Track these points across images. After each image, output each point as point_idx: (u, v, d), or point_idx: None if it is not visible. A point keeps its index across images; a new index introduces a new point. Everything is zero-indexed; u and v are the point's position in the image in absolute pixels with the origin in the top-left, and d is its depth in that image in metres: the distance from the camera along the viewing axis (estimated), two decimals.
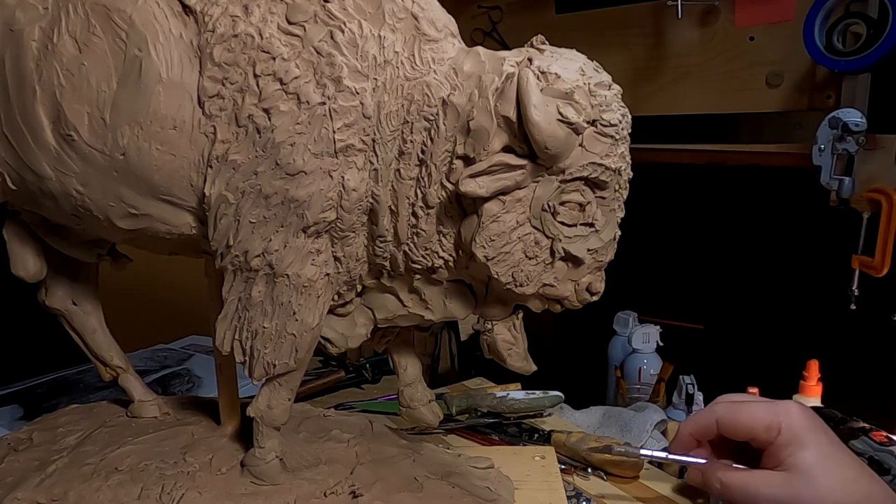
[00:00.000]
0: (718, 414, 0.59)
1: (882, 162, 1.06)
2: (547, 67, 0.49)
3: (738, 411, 0.58)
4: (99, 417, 0.72)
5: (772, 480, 0.55)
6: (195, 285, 0.68)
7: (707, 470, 0.60)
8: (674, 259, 1.46)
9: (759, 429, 0.57)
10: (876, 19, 1.02)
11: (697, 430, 0.61)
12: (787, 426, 0.56)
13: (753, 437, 0.58)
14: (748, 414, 0.58)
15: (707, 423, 0.60)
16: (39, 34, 0.51)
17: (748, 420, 0.57)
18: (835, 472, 0.53)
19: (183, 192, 0.53)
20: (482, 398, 0.98)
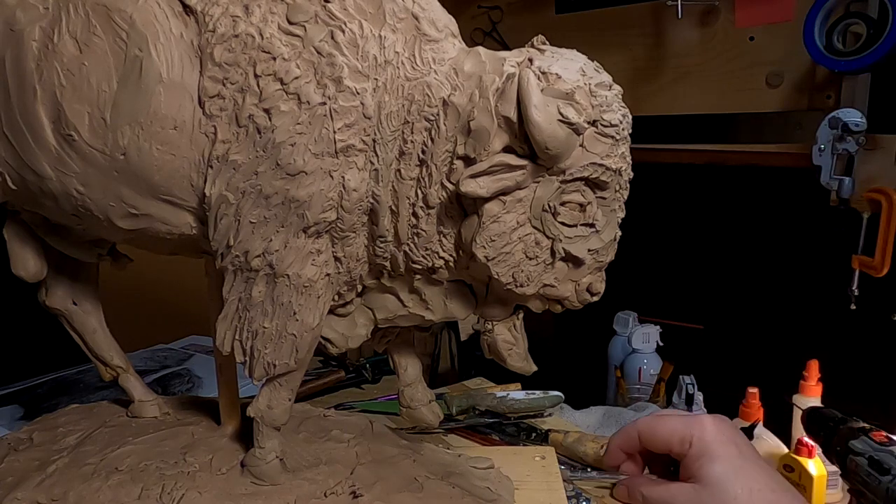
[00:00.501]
0: (640, 427, 0.62)
1: (882, 162, 1.06)
2: (548, 68, 0.49)
3: (657, 424, 0.61)
4: (99, 417, 0.72)
5: (683, 492, 0.57)
6: (195, 285, 0.67)
7: (631, 484, 0.63)
8: (674, 259, 1.46)
9: (674, 441, 0.59)
10: (876, 19, 1.02)
11: (623, 443, 0.64)
12: (699, 439, 0.57)
13: (670, 449, 0.60)
14: (665, 427, 0.60)
15: (630, 436, 0.63)
16: (40, 34, 0.51)
17: (665, 433, 0.60)
18: (741, 482, 0.55)
19: (183, 192, 0.53)
20: (482, 398, 0.98)
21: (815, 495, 0.88)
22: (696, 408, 0.98)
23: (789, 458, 0.92)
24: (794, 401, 1.02)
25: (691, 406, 0.97)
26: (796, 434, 0.99)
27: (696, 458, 0.57)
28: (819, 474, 0.89)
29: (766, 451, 1.03)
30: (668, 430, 0.60)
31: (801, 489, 0.89)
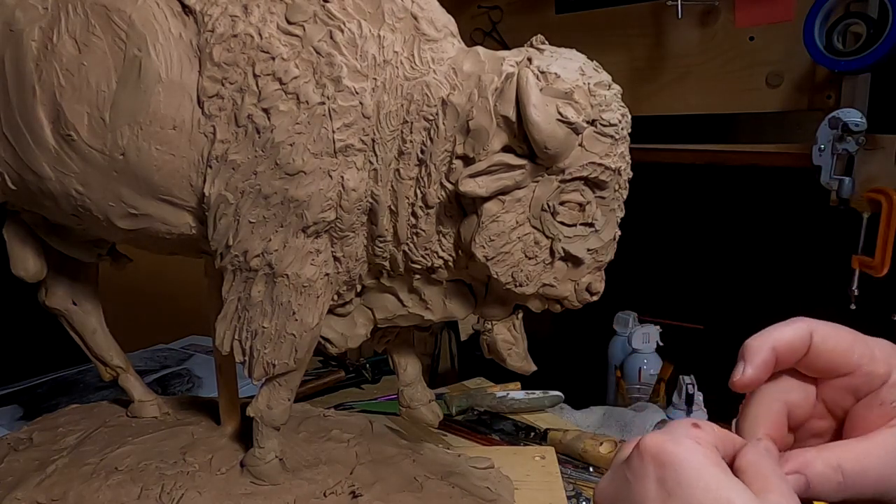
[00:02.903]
0: (813, 329, 0.41)
1: (882, 162, 1.06)
2: (546, 67, 0.49)
3: (842, 332, 0.41)
4: (99, 417, 0.72)
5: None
6: (195, 285, 0.68)
7: (803, 461, 0.39)
8: (674, 259, 1.46)
9: (876, 361, 0.40)
10: (876, 19, 1.02)
11: (785, 345, 0.41)
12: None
13: (857, 371, 0.40)
14: (862, 340, 0.40)
15: (799, 336, 0.41)
16: (39, 34, 0.51)
17: (863, 347, 0.40)
18: None
19: (182, 192, 0.53)
20: (482, 398, 0.98)
21: None
22: (695, 408, 0.98)
23: None
24: None
25: (691, 406, 0.97)
26: None
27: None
28: None
29: None
30: (869, 345, 0.40)
31: None
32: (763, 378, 0.41)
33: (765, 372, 0.41)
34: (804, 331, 0.41)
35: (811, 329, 0.41)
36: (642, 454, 0.34)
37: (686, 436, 0.35)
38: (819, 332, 0.41)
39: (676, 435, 0.35)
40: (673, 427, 0.36)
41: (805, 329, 0.41)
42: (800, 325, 0.41)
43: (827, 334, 0.41)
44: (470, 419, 0.95)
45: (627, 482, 0.35)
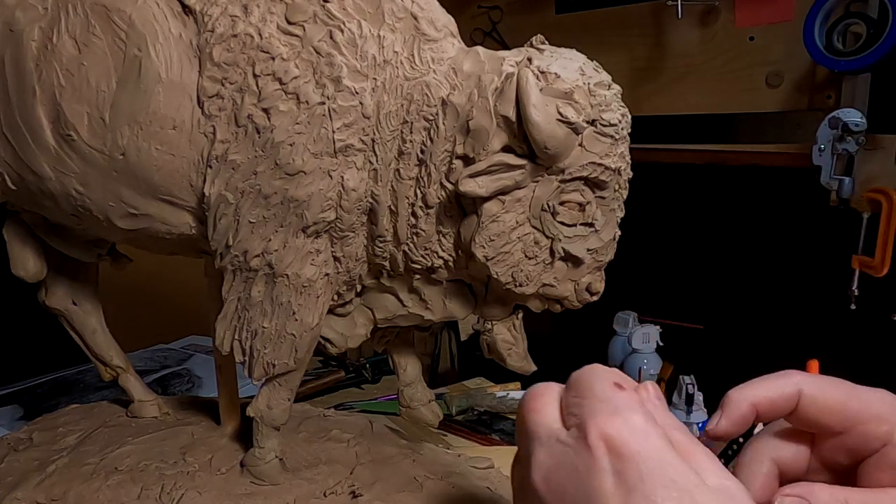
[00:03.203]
0: (802, 386, 0.38)
1: (882, 162, 1.06)
2: (546, 67, 0.49)
3: (836, 389, 0.39)
4: (99, 417, 0.72)
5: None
6: (195, 285, 0.68)
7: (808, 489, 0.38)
8: (674, 259, 1.46)
9: (869, 420, 0.37)
10: (876, 19, 1.02)
11: (766, 402, 0.39)
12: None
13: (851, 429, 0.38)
14: (857, 397, 0.38)
15: (784, 394, 0.39)
16: (39, 34, 0.51)
17: (858, 405, 0.38)
18: None
19: (182, 192, 0.53)
20: (482, 398, 0.98)
21: None
22: (695, 408, 0.98)
23: None
24: None
25: (691, 406, 0.97)
26: None
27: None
28: None
29: None
30: (865, 402, 0.38)
31: None
32: (737, 432, 0.40)
33: (739, 426, 0.40)
34: (790, 388, 0.39)
35: (799, 386, 0.38)
36: (594, 445, 0.31)
37: (635, 413, 0.32)
38: (809, 388, 0.38)
39: (626, 416, 0.32)
40: (613, 401, 0.33)
41: (792, 386, 0.39)
42: (786, 381, 0.39)
43: (818, 391, 0.38)
44: (470, 419, 0.95)
45: (577, 471, 0.32)
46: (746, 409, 0.39)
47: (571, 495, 0.31)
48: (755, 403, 0.39)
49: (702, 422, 0.98)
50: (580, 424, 0.32)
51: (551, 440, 0.33)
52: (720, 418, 0.39)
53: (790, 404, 0.39)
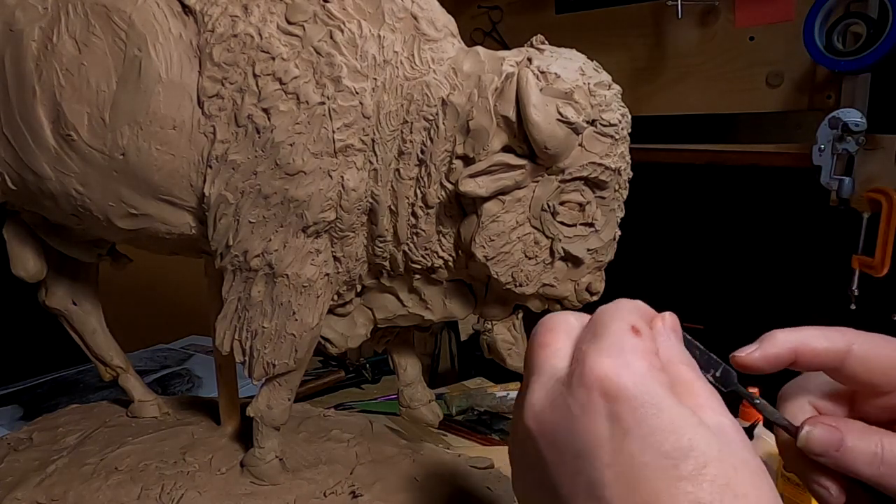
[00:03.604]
0: (854, 344, 0.37)
1: (882, 162, 1.06)
2: (546, 67, 0.49)
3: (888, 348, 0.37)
4: (99, 417, 0.72)
5: None
6: (195, 285, 0.68)
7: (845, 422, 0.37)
8: (674, 259, 1.46)
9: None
10: (876, 19, 1.02)
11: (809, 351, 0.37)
12: None
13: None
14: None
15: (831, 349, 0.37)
16: (39, 34, 0.51)
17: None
18: None
19: (182, 192, 0.53)
20: (482, 398, 0.98)
21: None
22: None
23: None
24: None
25: None
26: None
27: None
28: None
29: (766, 452, 1.03)
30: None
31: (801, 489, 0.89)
32: (766, 369, 0.38)
33: (771, 365, 0.38)
34: (839, 344, 0.37)
35: (850, 343, 0.37)
36: (590, 386, 0.30)
37: (639, 358, 0.31)
38: (861, 347, 0.37)
39: (628, 360, 0.30)
40: (620, 345, 0.31)
41: (841, 342, 0.37)
42: (836, 336, 0.37)
43: (868, 350, 0.37)
44: (470, 419, 0.95)
45: (570, 412, 0.30)
46: (785, 352, 0.37)
47: (563, 437, 0.30)
48: (796, 349, 0.37)
49: None
50: (580, 365, 0.31)
51: (551, 379, 0.32)
52: (756, 350, 0.37)
53: (834, 360, 0.37)
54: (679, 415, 0.29)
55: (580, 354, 0.31)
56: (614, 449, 0.29)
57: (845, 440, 0.36)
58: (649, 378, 0.30)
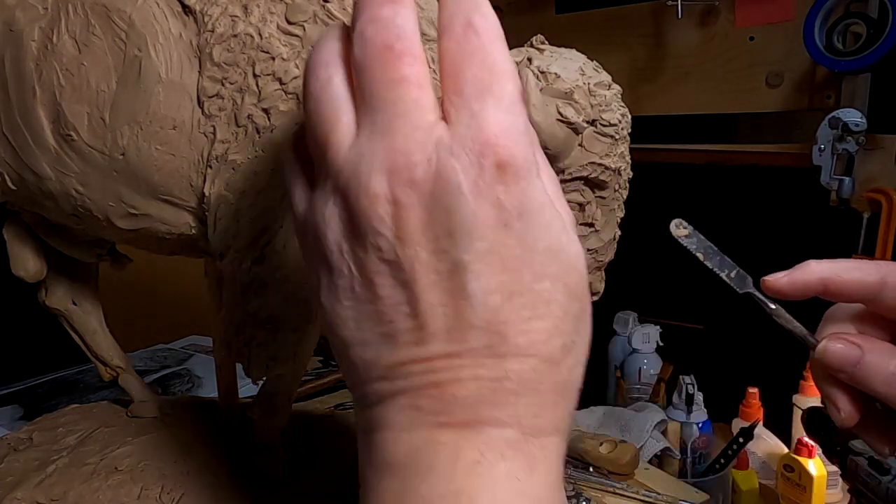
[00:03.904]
0: (889, 277, 0.36)
1: (882, 162, 1.06)
2: (546, 67, 0.49)
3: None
4: (99, 417, 0.72)
5: None
6: (195, 285, 0.68)
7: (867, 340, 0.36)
8: (674, 259, 1.46)
9: None
10: (876, 19, 1.02)
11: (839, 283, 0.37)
12: None
13: None
14: None
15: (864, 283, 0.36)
16: (39, 34, 0.51)
17: None
18: None
19: (183, 192, 0.53)
20: None
21: (815, 495, 0.88)
22: (695, 408, 0.98)
23: (789, 458, 0.92)
24: (794, 401, 1.02)
25: (691, 406, 0.97)
26: (796, 434, 0.99)
27: None
28: (819, 474, 0.89)
29: (767, 451, 1.03)
30: None
31: (801, 489, 0.89)
32: (791, 296, 0.38)
33: (798, 292, 0.37)
34: (872, 276, 0.36)
35: (884, 276, 0.35)
36: (483, 153, 0.26)
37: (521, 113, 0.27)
38: (895, 278, 0.35)
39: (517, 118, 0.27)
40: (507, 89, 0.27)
41: (875, 275, 0.36)
42: (870, 269, 0.36)
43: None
44: None
45: (452, 185, 0.26)
46: (814, 281, 0.37)
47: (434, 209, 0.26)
48: (826, 279, 0.37)
49: (702, 422, 0.98)
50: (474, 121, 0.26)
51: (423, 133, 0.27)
52: (785, 275, 0.38)
53: (868, 293, 0.36)
54: (552, 216, 0.29)
55: (468, 105, 0.27)
56: (495, 240, 0.26)
57: (864, 357, 0.35)
58: (530, 153, 0.27)
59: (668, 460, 0.95)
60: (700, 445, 0.96)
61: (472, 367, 0.27)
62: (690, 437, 0.96)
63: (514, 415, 0.27)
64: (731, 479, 0.93)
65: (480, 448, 0.26)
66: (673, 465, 0.94)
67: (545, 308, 0.27)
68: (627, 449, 0.81)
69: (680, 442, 0.96)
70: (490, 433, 0.26)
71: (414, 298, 0.27)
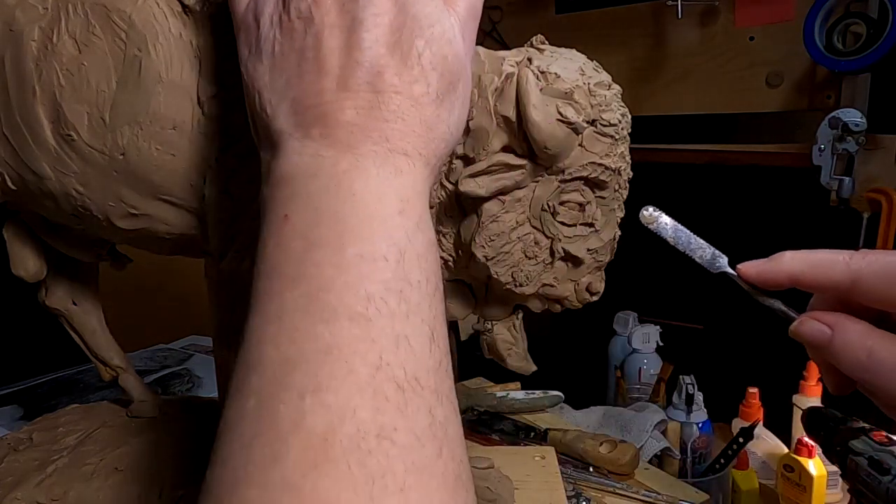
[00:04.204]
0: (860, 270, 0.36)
1: (882, 162, 1.06)
2: (546, 67, 0.49)
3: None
4: (99, 417, 0.72)
5: None
6: (195, 286, 0.67)
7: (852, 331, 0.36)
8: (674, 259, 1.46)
9: None
10: (876, 19, 1.02)
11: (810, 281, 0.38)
12: None
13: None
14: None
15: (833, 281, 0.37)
16: (39, 34, 0.51)
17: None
18: None
19: (183, 193, 0.53)
20: (482, 398, 0.98)
21: (815, 495, 0.88)
22: (695, 408, 0.98)
23: (789, 458, 0.92)
24: (794, 401, 1.02)
25: (691, 406, 0.97)
26: (796, 434, 0.99)
27: None
28: (819, 474, 0.89)
29: (766, 451, 1.03)
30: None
31: (801, 489, 0.89)
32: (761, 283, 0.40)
33: (766, 284, 0.40)
34: (842, 277, 0.36)
35: (855, 276, 0.35)
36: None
37: None
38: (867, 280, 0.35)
39: None
40: None
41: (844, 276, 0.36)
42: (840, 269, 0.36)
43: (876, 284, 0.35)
44: (470, 419, 0.95)
45: None
46: (784, 279, 0.39)
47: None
48: (796, 279, 0.38)
49: (702, 422, 0.98)
50: None
51: None
52: (756, 269, 0.40)
53: (838, 292, 0.37)
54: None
55: None
56: (385, 7, 0.36)
57: (833, 339, 0.36)
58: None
59: (668, 460, 0.95)
60: (700, 445, 0.96)
61: (354, 99, 0.34)
62: (690, 437, 0.96)
63: (383, 136, 0.34)
64: (731, 479, 0.93)
65: (356, 156, 0.34)
66: (673, 465, 0.94)
67: (416, 61, 0.35)
68: (627, 449, 0.81)
69: (680, 442, 0.96)
70: (364, 147, 0.34)
71: (319, 44, 0.35)
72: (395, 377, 0.29)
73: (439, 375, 0.31)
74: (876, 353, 0.35)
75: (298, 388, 0.28)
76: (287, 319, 0.30)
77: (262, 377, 0.30)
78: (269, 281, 0.32)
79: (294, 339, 0.30)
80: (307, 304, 0.30)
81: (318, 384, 0.28)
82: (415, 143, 0.35)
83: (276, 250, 0.33)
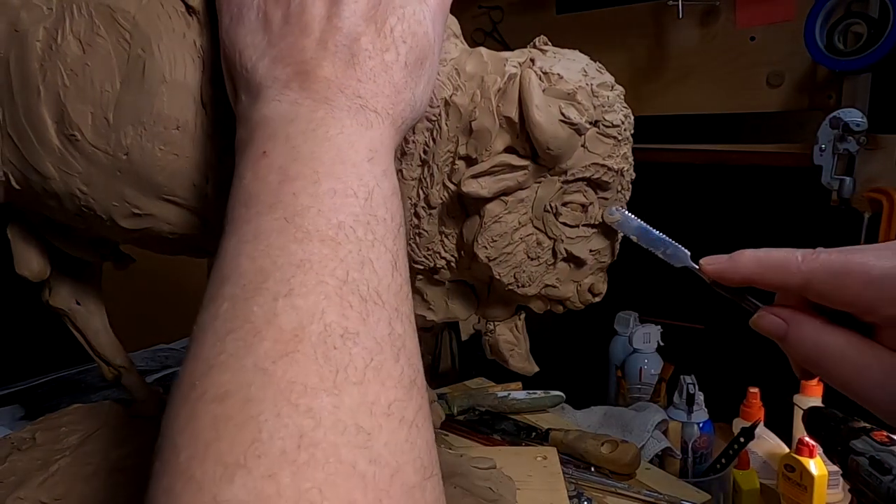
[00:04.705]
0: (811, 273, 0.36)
1: (883, 162, 1.06)
2: (549, 68, 0.49)
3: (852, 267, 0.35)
4: (101, 417, 0.72)
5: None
6: (197, 286, 0.67)
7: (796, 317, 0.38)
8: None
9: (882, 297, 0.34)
10: (877, 19, 1.02)
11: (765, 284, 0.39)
12: None
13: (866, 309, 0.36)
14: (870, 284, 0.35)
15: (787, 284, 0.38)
16: (44, 34, 0.51)
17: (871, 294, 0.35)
18: None
19: (186, 193, 0.53)
20: (483, 398, 0.99)
21: (816, 495, 0.88)
22: (696, 408, 0.98)
23: (790, 458, 0.92)
24: (795, 401, 1.02)
25: (692, 406, 0.97)
26: (797, 434, 0.99)
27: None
28: (820, 474, 0.89)
29: (767, 451, 1.03)
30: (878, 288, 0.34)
31: (802, 489, 0.89)
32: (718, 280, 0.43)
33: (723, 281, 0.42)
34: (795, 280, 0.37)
35: (807, 276, 0.36)
36: None
37: None
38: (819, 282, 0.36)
39: None
40: None
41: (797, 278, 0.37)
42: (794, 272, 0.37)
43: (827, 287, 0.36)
44: (471, 419, 0.95)
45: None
46: (738, 279, 0.41)
47: None
48: (749, 279, 0.41)
49: (703, 421, 0.98)
50: None
51: None
52: (715, 267, 0.42)
53: (792, 292, 0.40)
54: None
55: None
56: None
57: (788, 333, 0.39)
58: None
59: (669, 460, 0.95)
60: (701, 445, 0.96)
61: (332, 59, 0.38)
62: (691, 437, 0.96)
63: (356, 93, 0.38)
64: (732, 478, 0.93)
65: (331, 107, 0.37)
66: (674, 465, 0.95)
67: (388, 33, 0.40)
68: (628, 449, 0.81)
69: (681, 442, 0.97)
70: (338, 100, 0.37)
71: (303, 11, 0.39)
72: (359, 291, 0.32)
73: (399, 297, 0.34)
74: (824, 347, 0.37)
75: (272, 292, 0.31)
76: (263, 238, 0.33)
77: (236, 285, 0.33)
78: (246, 208, 0.35)
79: (269, 254, 0.32)
80: (283, 226, 0.33)
81: (290, 290, 0.31)
82: (384, 104, 0.39)
83: (254, 182, 0.35)
